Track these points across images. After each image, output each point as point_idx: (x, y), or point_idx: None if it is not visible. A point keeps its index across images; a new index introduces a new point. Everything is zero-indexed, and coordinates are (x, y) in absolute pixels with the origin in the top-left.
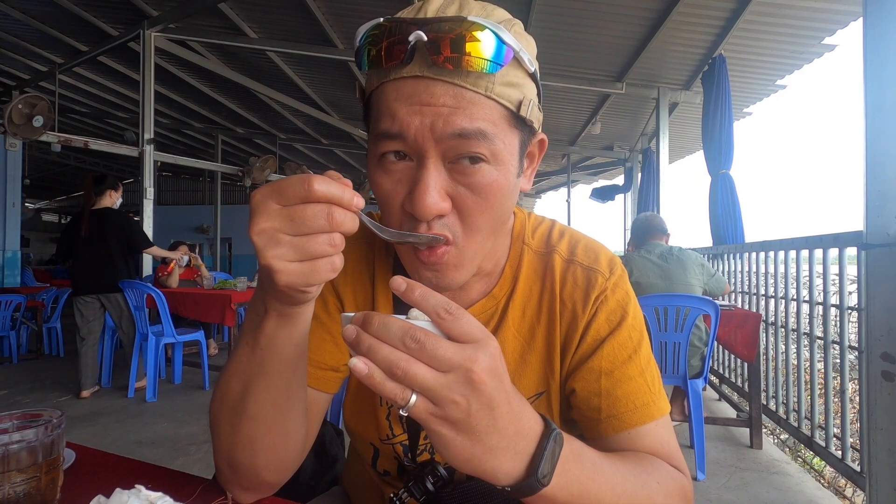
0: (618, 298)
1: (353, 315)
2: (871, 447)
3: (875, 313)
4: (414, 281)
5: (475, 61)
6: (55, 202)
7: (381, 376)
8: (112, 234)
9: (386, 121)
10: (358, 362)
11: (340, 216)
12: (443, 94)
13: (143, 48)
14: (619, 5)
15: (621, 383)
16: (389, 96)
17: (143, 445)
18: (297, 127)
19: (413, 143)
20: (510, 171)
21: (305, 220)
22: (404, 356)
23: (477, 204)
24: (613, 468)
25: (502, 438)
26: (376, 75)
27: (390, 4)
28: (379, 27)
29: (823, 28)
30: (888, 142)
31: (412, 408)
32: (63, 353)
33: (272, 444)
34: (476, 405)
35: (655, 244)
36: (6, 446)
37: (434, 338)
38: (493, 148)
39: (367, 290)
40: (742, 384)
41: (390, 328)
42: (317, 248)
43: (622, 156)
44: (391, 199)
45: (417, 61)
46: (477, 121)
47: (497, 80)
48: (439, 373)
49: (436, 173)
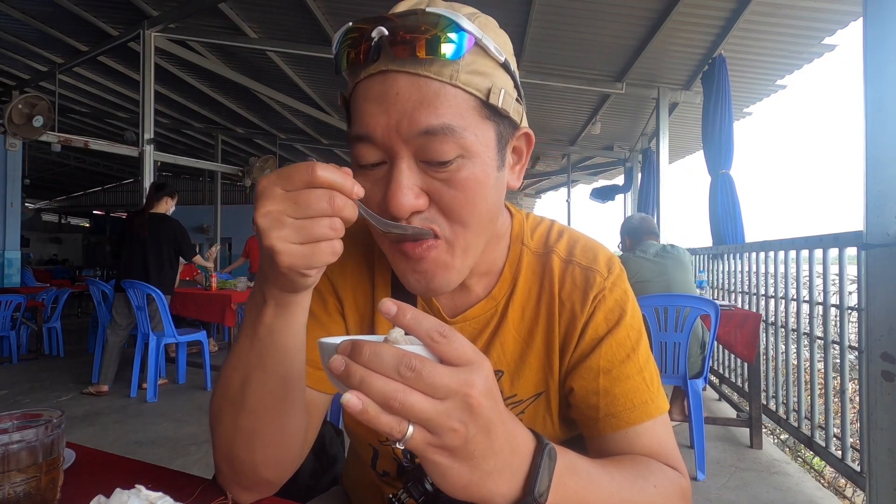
0: (616, 298)
1: (335, 342)
2: (871, 447)
3: (875, 313)
4: (404, 303)
5: (434, 49)
6: (55, 202)
7: (377, 410)
8: (165, 238)
9: (357, 124)
10: (352, 398)
11: (341, 202)
12: (407, 88)
13: (143, 48)
14: (619, 5)
15: (619, 382)
16: (360, 96)
17: (143, 445)
18: (297, 127)
19: (382, 144)
20: (487, 163)
21: (309, 204)
22: (400, 386)
23: (455, 198)
24: (609, 476)
25: (499, 460)
26: (350, 77)
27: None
28: (348, 30)
29: (823, 28)
30: (888, 142)
31: (409, 440)
32: (63, 353)
33: (271, 438)
34: (474, 430)
35: (650, 243)
36: (6, 446)
37: (430, 364)
38: (464, 141)
39: (367, 292)
40: (742, 384)
41: (383, 357)
42: (319, 231)
43: (622, 156)
44: (371, 201)
45: (382, 57)
46: (442, 115)
47: (462, 68)
48: (437, 400)
49: (408, 171)
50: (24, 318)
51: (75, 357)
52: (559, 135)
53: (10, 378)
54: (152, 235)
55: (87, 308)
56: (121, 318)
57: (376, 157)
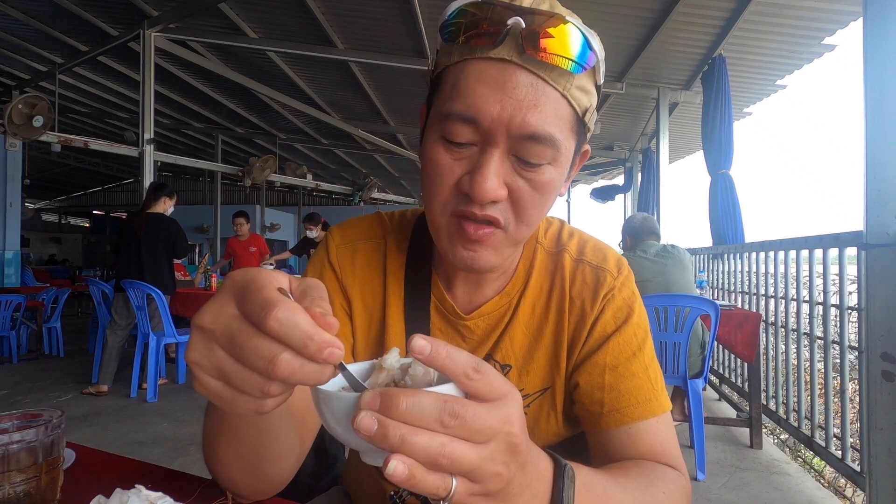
0: (625, 297)
1: (350, 397)
2: (871, 447)
3: (875, 313)
4: (436, 340)
5: (562, 59)
6: (55, 202)
7: (423, 472)
8: (162, 237)
9: (461, 101)
10: (398, 465)
11: (286, 368)
12: (525, 85)
13: (143, 48)
14: (619, 5)
15: (625, 378)
16: (471, 75)
17: (143, 445)
18: (297, 127)
19: (485, 131)
20: (563, 172)
21: (243, 350)
22: (447, 439)
23: (531, 198)
24: (622, 489)
25: (527, 490)
26: (459, 51)
27: (390, 4)
28: (475, 5)
29: (823, 28)
30: (888, 142)
31: (454, 496)
32: (63, 353)
33: (266, 468)
34: (514, 468)
35: (650, 243)
36: (6, 446)
37: (472, 407)
38: (557, 152)
39: (378, 290)
40: (742, 384)
41: (424, 407)
42: (243, 385)
43: (622, 156)
44: (446, 174)
45: (508, 45)
46: (550, 124)
47: (574, 82)
48: (481, 445)
49: (499, 162)
50: (24, 318)
51: (75, 357)
52: None
53: (10, 378)
54: (148, 235)
55: (87, 308)
56: (120, 319)
57: (471, 138)
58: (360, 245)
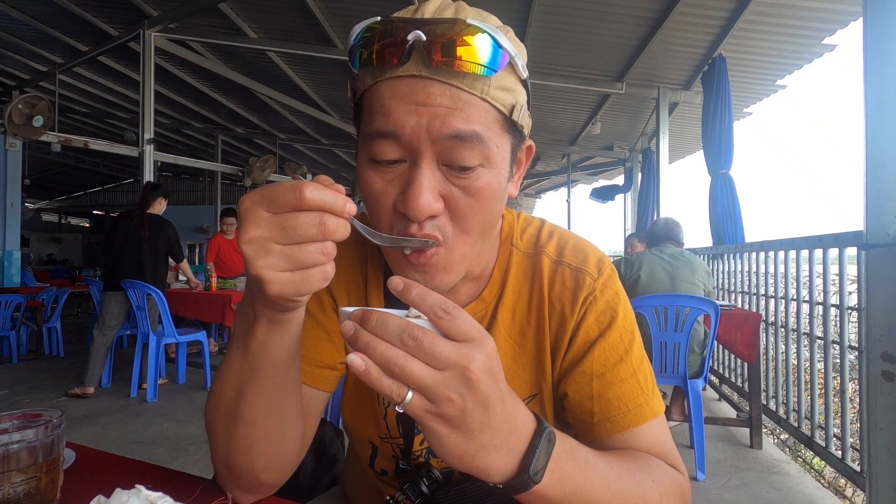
0: (607, 299)
1: (351, 310)
2: (871, 447)
3: (875, 313)
4: (412, 280)
5: (472, 64)
6: (55, 202)
7: (378, 372)
8: (163, 239)
9: (380, 119)
10: (355, 358)
11: (333, 224)
12: (439, 94)
13: (143, 48)
14: (619, 5)
15: (613, 386)
16: (384, 94)
17: (143, 445)
18: (297, 127)
19: (408, 143)
20: (502, 174)
21: (297, 229)
22: (402, 353)
23: (470, 206)
24: (608, 466)
25: (495, 436)
26: (370, 74)
27: (390, 4)
28: (375, 26)
29: (823, 28)
30: (888, 142)
31: (408, 404)
32: (63, 353)
33: (269, 446)
34: (471, 403)
35: (667, 246)
36: (6, 446)
37: (431, 336)
38: (488, 151)
39: (361, 290)
40: (742, 384)
41: (388, 325)
42: (309, 258)
43: (622, 156)
44: (382, 198)
45: (415, 60)
46: (473, 123)
47: (492, 83)
48: (436, 370)
49: (430, 174)
50: (24, 318)
51: (75, 357)
52: (559, 135)
53: (10, 378)
54: (151, 236)
55: (87, 308)
56: (111, 319)
57: (396, 155)
58: (343, 248)
